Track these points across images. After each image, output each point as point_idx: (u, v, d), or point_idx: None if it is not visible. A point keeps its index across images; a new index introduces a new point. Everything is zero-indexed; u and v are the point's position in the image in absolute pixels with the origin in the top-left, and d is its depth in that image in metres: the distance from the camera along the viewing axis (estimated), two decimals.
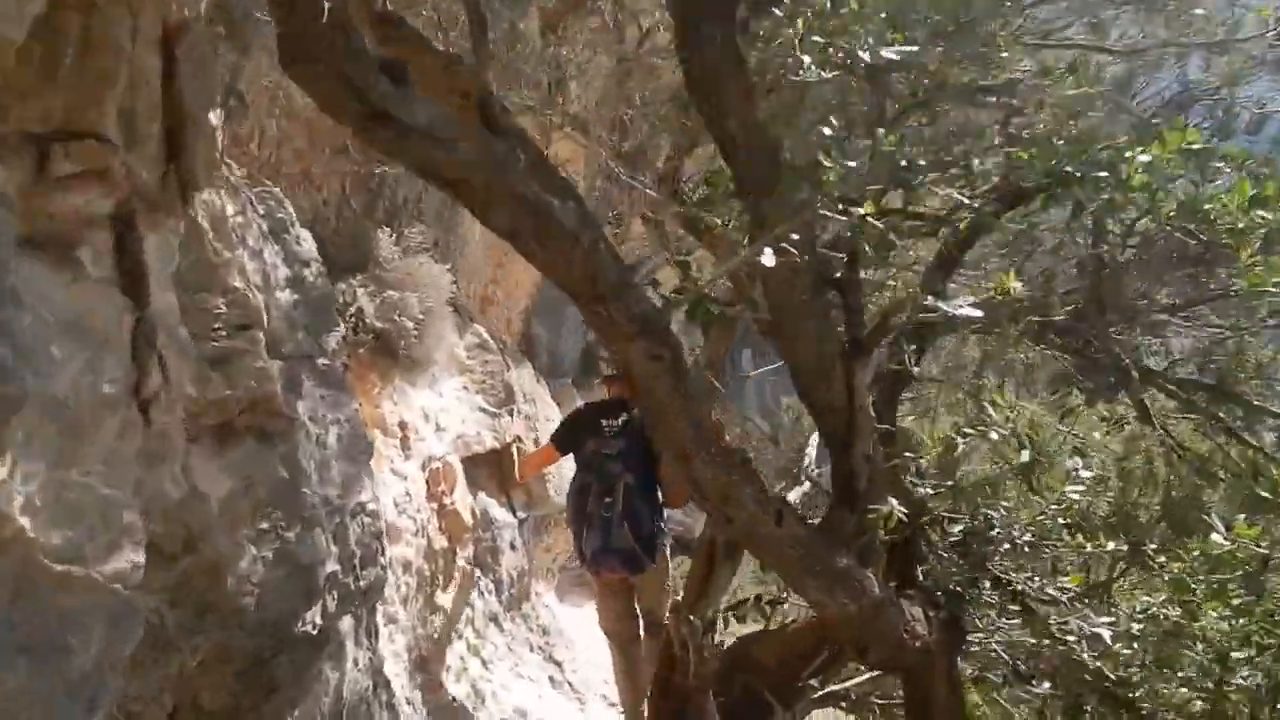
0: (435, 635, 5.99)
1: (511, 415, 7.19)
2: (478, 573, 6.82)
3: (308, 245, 3.45)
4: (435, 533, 6.08)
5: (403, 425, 5.88)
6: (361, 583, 3.33)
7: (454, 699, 5.98)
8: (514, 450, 7.19)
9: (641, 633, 5.43)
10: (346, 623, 4.33)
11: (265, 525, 2.75)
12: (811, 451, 7.23)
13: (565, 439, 5.46)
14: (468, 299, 8.12)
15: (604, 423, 5.24)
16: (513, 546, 7.16)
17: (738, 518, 3.53)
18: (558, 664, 7.19)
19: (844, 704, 5.77)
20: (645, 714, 5.92)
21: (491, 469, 7.28)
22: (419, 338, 6.15)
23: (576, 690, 7.10)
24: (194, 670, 2.59)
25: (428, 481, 6.11)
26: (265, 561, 2.73)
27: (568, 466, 5.58)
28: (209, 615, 2.60)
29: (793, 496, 6.69)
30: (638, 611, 5.41)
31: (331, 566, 3.04)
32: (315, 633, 2.94)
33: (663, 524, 5.31)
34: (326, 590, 3.00)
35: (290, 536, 2.81)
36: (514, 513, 7.28)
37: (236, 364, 2.66)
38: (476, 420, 6.94)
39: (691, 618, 6.21)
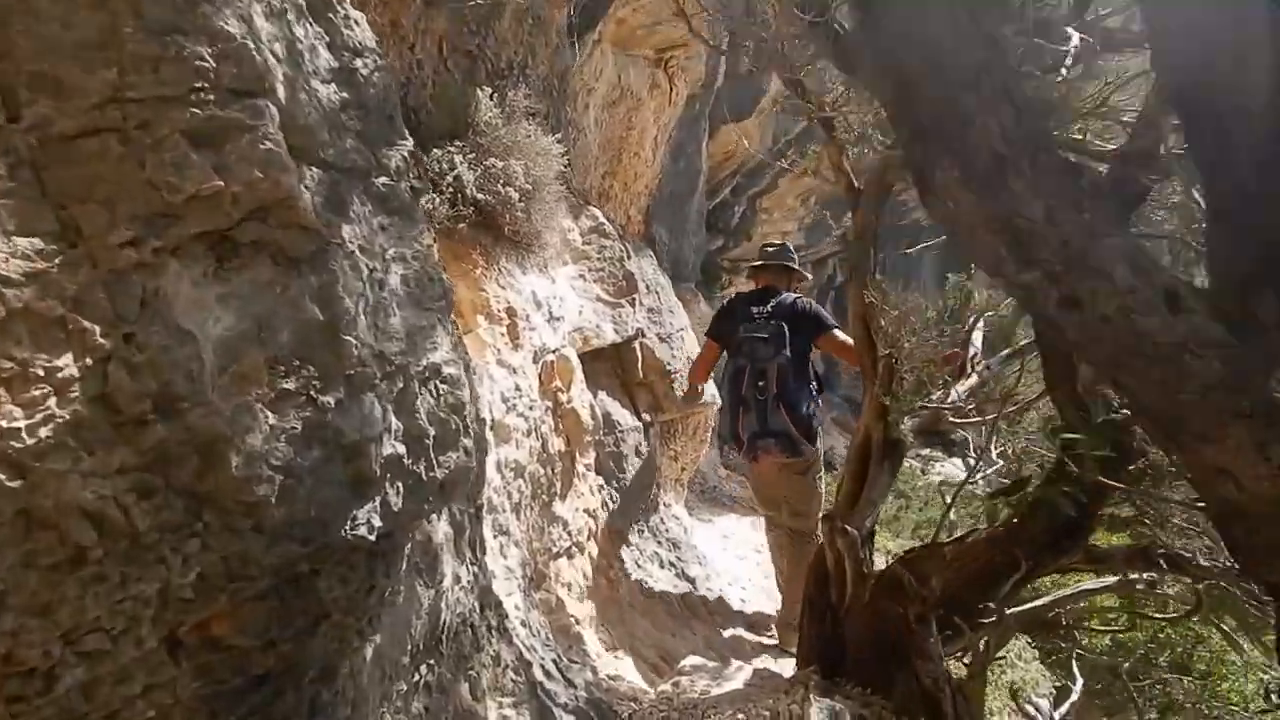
0: (554, 549, 5.17)
1: (634, 306, 6.25)
2: (600, 480, 5.95)
3: (362, 32, 2.51)
4: (551, 434, 5.22)
5: (510, 312, 5.00)
6: (438, 472, 2.43)
7: (575, 619, 5.15)
8: (636, 346, 6.27)
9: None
10: (442, 530, 3.49)
11: (290, 384, 1.86)
12: (978, 339, 6.12)
13: (718, 328, 5.45)
14: (581, 186, 7.17)
15: (754, 309, 5.24)
16: (638, 453, 6.28)
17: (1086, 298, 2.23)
18: (690, 581, 6.31)
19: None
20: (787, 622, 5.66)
21: (613, 366, 6.37)
22: (526, 213, 5.22)
23: (713, 610, 6.21)
24: (189, 589, 1.73)
25: (541, 376, 5.23)
26: (290, 436, 1.84)
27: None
28: (205, 511, 1.73)
29: (957, 391, 5.63)
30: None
31: (392, 447, 2.14)
32: (373, 538, 2.06)
33: (818, 408, 5.19)
34: (386, 480, 2.10)
35: (327, 402, 1.91)
36: (638, 415, 6.38)
37: (231, 145, 1.75)
38: (595, 311, 6.02)
39: (847, 528, 5.28)
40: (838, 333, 5.19)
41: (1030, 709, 4.57)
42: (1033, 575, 4.41)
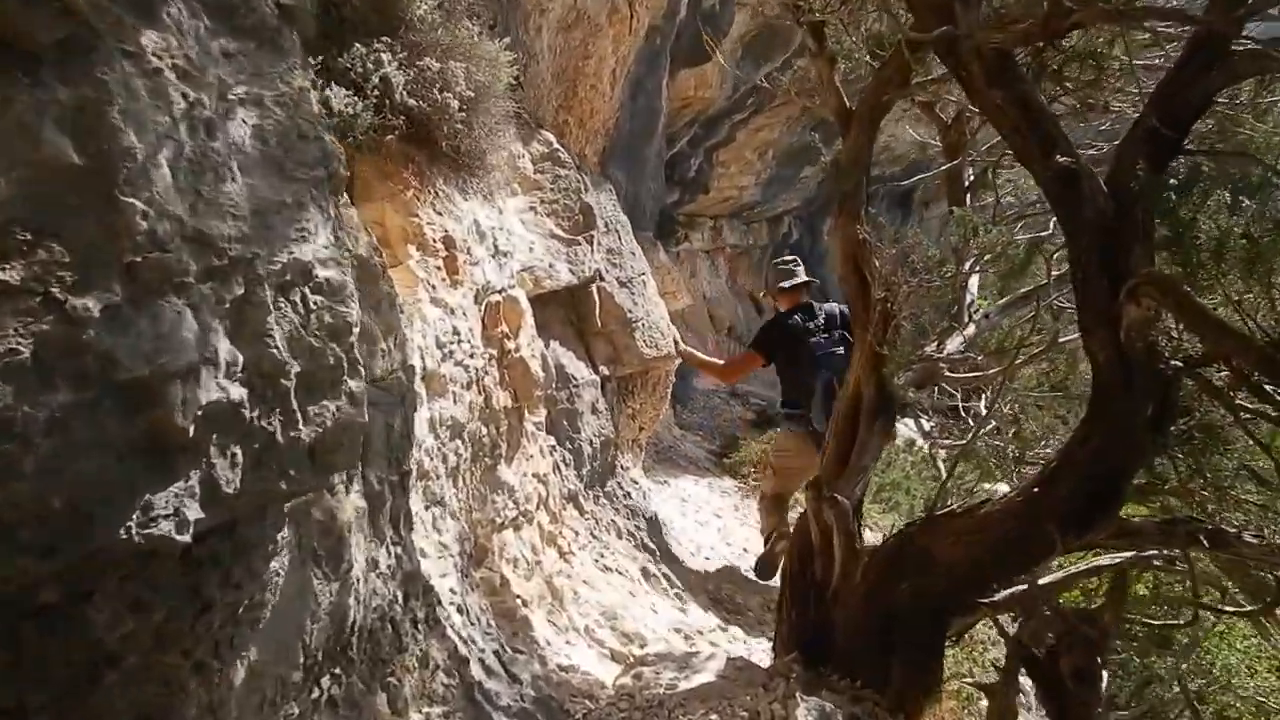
0: (498, 520, 4.33)
1: (591, 246, 5.38)
2: (551, 440, 5.12)
3: None
4: (495, 387, 4.37)
5: (447, 242, 4.11)
6: (304, 430, 1.58)
7: (521, 600, 4.33)
8: (593, 290, 5.43)
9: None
10: (351, 505, 2.64)
11: (12, 273, 1.01)
12: (973, 287, 5.36)
13: (769, 345, 5.63)
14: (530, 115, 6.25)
15: (808, 324, 5.50)
16: (594, 410, 5.45)
17: None
18: (650, 552, 5.52)
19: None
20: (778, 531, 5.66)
21: (567, 312, 5.52)
22: (467, 127, 4.32)
23: (674, 584, 5.44)
24: None
25: (484, 320, 4.37)
26: (10, 366, 0.99)
27: None
28: None
29: (953, 345, 4.89)
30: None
31: (221, 390, 1.29)
32: (187, 538, 1.22)
33: None
34: (211, 443, 1.26)
35: (85, 307, 1.06)
36: (595, 369, 5.55)
37: None
38: (547, 248, 5.15)
39: (836, 497, 4.54)
40: None
41: None
42: (1057, 553, 3.69)
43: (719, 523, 7.76)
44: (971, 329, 4.89)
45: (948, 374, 4.74)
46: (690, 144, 14.10)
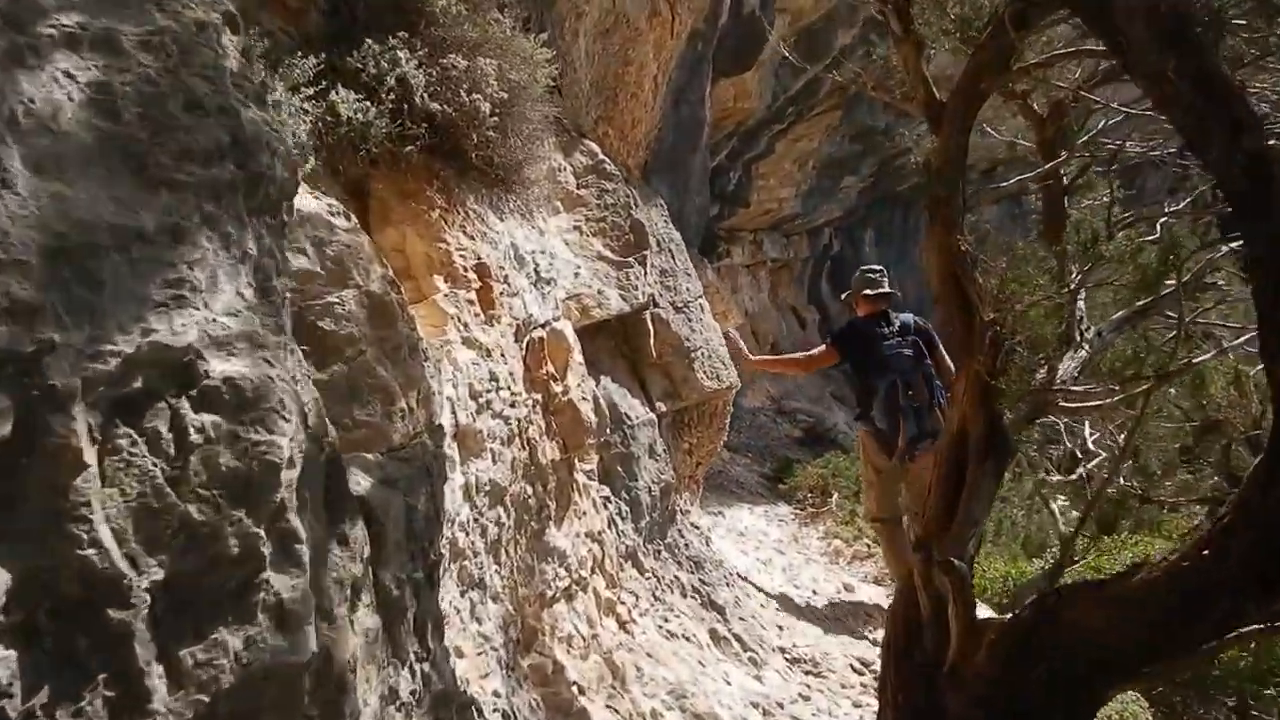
0: (548, 592, 3.57)
1: (644, 267, 4.63)
2: (605, 491, 4.36)
3: None
4: (541, 438, 3.62)
5: (481, 271, 3.38)
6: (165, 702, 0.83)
7: (578, 688, 3.57)
8: (647, 317, 4.69)
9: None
10: (356, 638, 1.91)
11: None
12: (1082, 305, 4.51)
13: (849, 344, 5.57)
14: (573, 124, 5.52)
15: (883, 329, 5.43)
16: (652, 452, 4.68)
17: None
18: (719, 610, 4.73)
19: None
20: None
21: (619, 343, 4.77)
22: (501, 134, 3.59)
23: (748, 646, 4.66)
24: None
25: (526, 360, 3.62)
26: None
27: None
28: None
29: (1065, 369, 4.06)
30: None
31: None
32: None
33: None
34: None
35: None
36: (651, 405, 4.79)
37: None
38: (595, 273, 4.40)
39: (952, 561, 3.71)
40: (943, 351, 5.42)
41: None
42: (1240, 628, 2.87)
43: (782, 560, 6.95)
44: (1085, 351, 4.08)
45: (1063, 404, 3.94)
46: (729, 157, 13.36)
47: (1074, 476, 4.25)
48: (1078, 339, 4.01)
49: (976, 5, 4.06)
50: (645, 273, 4.60)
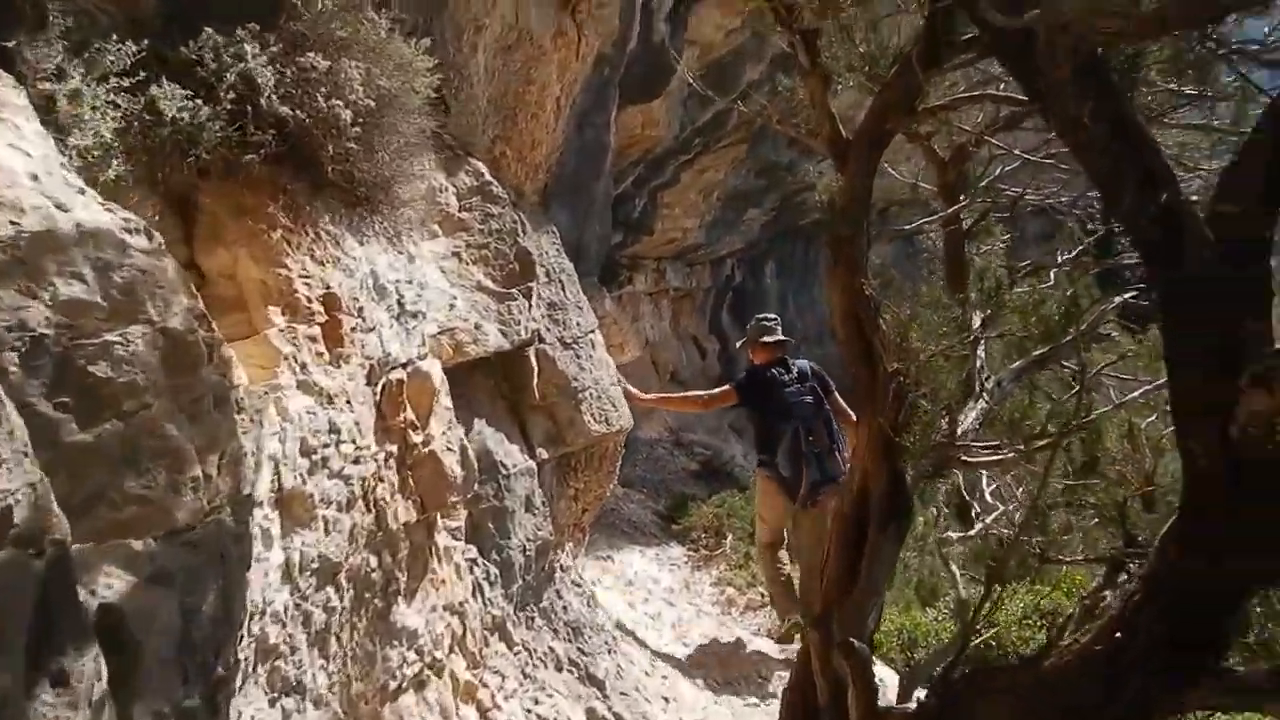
0: (393, 683, 3.03)
1: (529, 300, 4.14)
2: (473, 552, 3.84)
3: None
4: (394, 497, 3.10)
5: (330, 302, 2.85)
6: None
7: None
8: (531, 355, 4.21)
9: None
10: None
11: None
12: (982, 353, 4.24)
13: (750, 391, 5.69)
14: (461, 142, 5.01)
15: (782, 376, 5.54)
16: (530, 506, 4.18)
17: None
18: (599, 685, 4.23)
19: None
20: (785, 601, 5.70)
21: (498, 382, 4.27)
22: (366, 147, 3.07)
23: None
24: None
25: (380, 406, 3.10)
26: None
27: None
28: None
29: (968, 420, 3.78)
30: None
31: None
32: None
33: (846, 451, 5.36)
34: None
35: None
36: (531, 452, 4.29)
37: None
38: (473, 305, 3.89)
39: (852, 642, 3.37)
40: (838, 395, 5.63)
41: None
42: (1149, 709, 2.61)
43: (672, 614, 6.51)
44: (984, 402, 3.78)
45: (965, 460, 3.62)
46: (635, 184, 12.98)
47: (972, 533, 3.94)
48: (978, 389, 3.71)
49: (882, 44, 3.73)
50: (530, 306, 4.11)
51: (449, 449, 3.39)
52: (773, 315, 6.12)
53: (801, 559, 5.56)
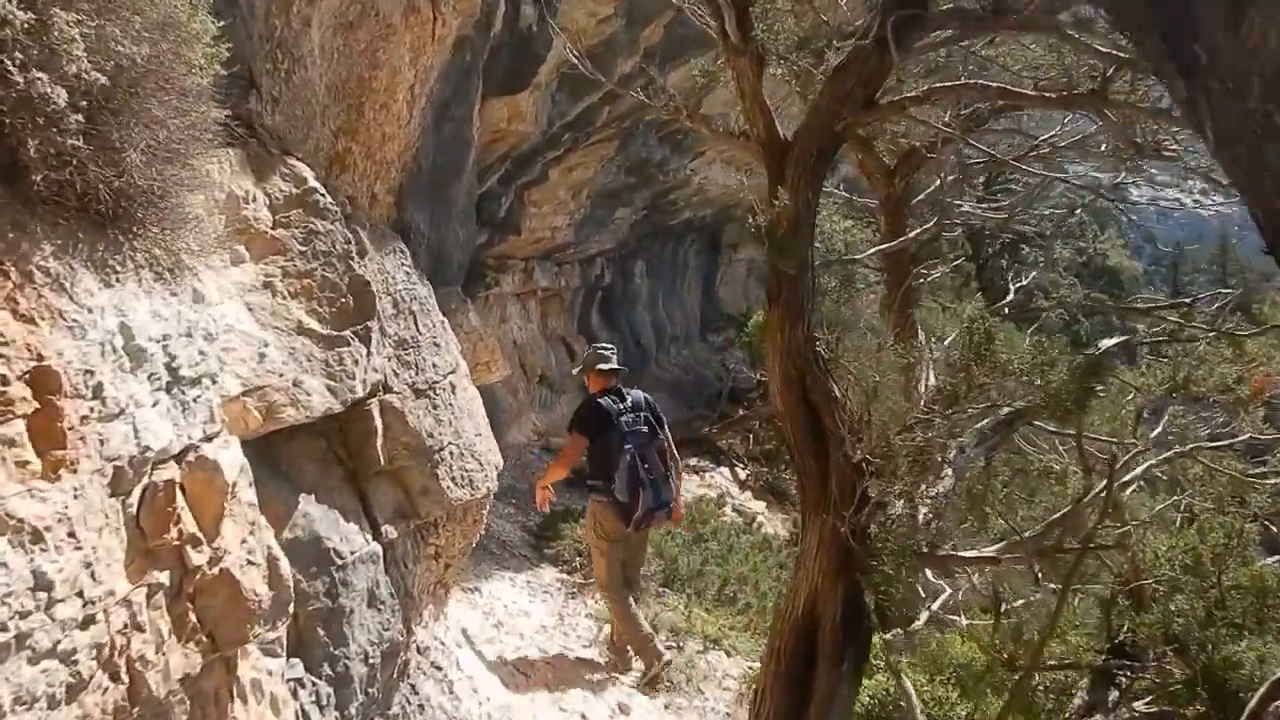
0: None
1: (367, 343, 3.12)
2: (297, 669, 2.82)
3: None
4: (159, 651, 2.08)
5: (42, 383, 1.81)
6: None
7: None
8: (373, 409, 3.21)
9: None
10: None
11: None
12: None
13: (591, 428, 5.63)
14: (285, 137, 3.90)
15: (618, 405, 5.60)
16: (374, 600, 3.17)
17: None
18: None
19: None
20: (648, 644, 5.57)
21: (329, 446, 3.24)
22: (99, 140, 2.02)
23: None
24: None
25: (140, 523, 2.06)
26: None
27: None
28: None
29: (931, 501, 2.95)
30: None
31: None
32: None
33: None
34: None
35: None
36: (375, 532, 3.28)
37: None
38: (292, 353, 2.85)
39: None
40: (667, 429, 5.79)
41: None
42: None
43: (547, 669, 5.58)
44: (949, 476, 3.00)
45: (951, 568, 2.85)
46: (501, 182, 11.89)
47: (918, 625, 3.16)
48: (938, 458, 2.92)
49: (816, 24, 2.89)
50: (370, 351, 3.10)
51: (251, 562, 2.36)
52: (609, 345, 6.22)
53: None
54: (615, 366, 5.84)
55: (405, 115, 5.74)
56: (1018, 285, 5.29)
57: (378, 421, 3.28)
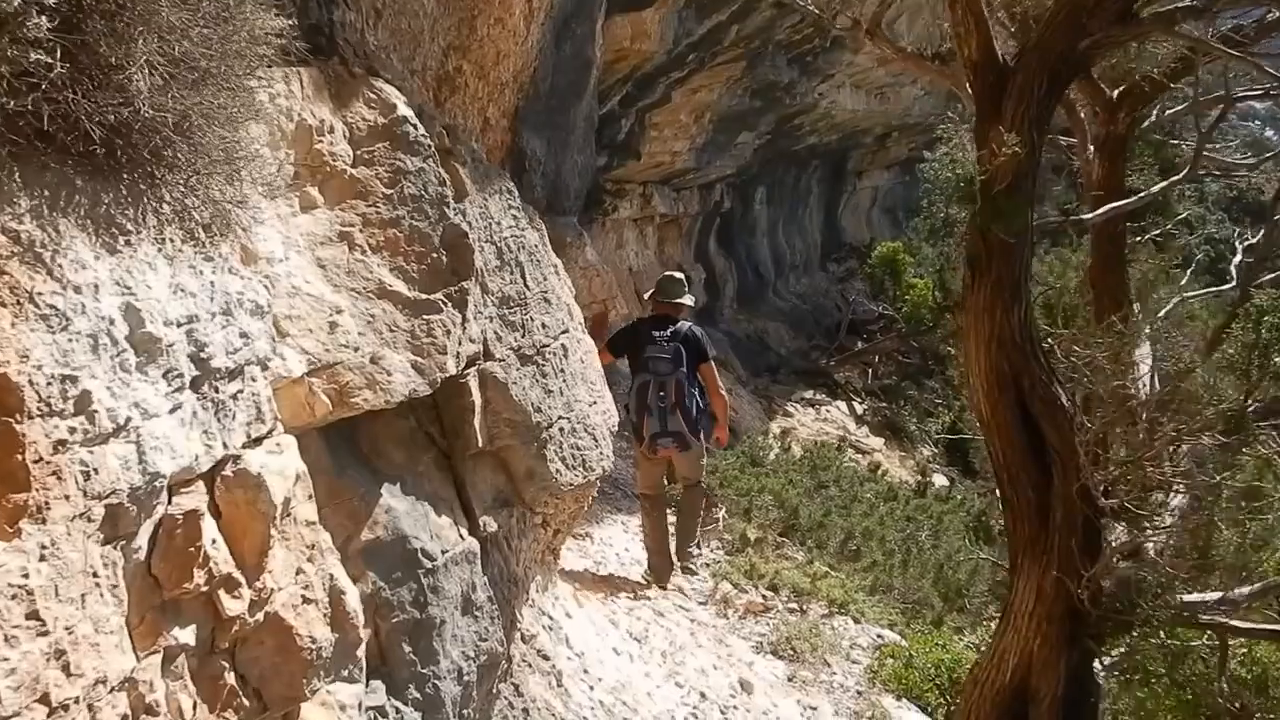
0: None
1: (462, 310, 2.50)
2: (377, 697, 2.32)
3: None
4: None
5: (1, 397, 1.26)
6: None
7: None
8: (472, 381, 2.61)
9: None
10: None
11: None
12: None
13: (621, 346, 5.72)
14: (387, 55, 3.24)
15: (655, 333, 5.51)
16: (469, 606, 2.62)
17: None
18: None
19: None
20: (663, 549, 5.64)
21: (420, 423, 2.66)
22: (90, 51, 1.42)
23: None
24: None
25: (152, 568, 1.52)
26: None
27: None
28: None
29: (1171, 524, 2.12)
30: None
31: None
32: None
33: (703, 411, 5.50)
34: None
35: None
36: (473, 525, 2.71)
37: None
38: (370, 321, 2.27)
39: None
40: (713, 364, 5.63)
41: None
42: None
43: (661, 634, 5.04)
44: (1180, 496, 2.22)
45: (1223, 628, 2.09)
46: (621, 104, 11.10)
47: None
48: (1168, 471, 2.13)
49: None
50: (465, 318, 2.48)
51: (307, 599, 1.81)
52: (681, 276, 6.16)
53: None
54: (679, 301, 5.78)
55: (522, 31, 5.05)
56: (1245, 245, 4.24)
57: (476, 395, 2.68)
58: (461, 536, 2.64)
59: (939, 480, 11.06)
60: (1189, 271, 3.92)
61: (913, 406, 13.50)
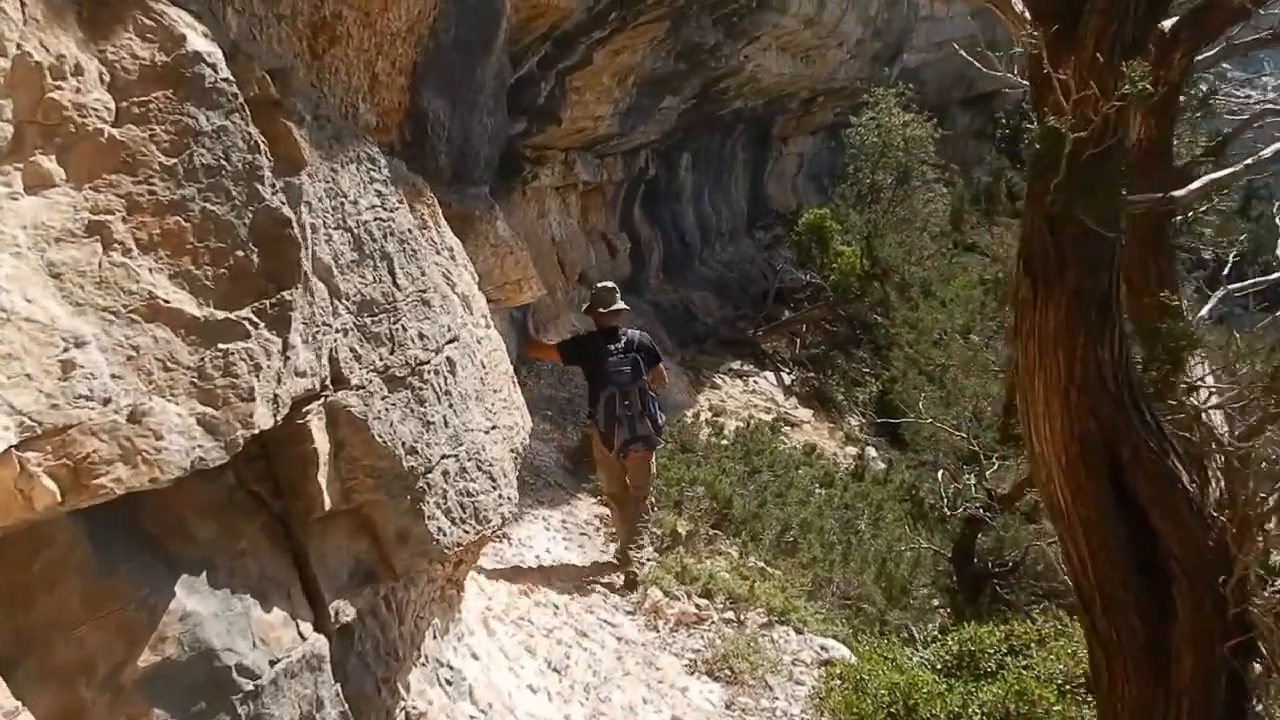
0: None
1: (284, 329, 1.69)
2: None
3: None
4: None
5: None
6: None
7: None
8: (311, 423, 1.80)
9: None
10: None
11: None
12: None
13: (571, 354, 6.01)
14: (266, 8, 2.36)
15: (611, 346, 5.74)
16: None
17: None
18: None
19: None
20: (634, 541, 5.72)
21: (240, 484, 1.88)
22: None
23: None
24: None
25: None
26: None
27: None
28: None
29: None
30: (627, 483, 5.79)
31: None
32: None
33: (660, 410, 5.79)
34: None
35: None
36: (318, 619, 1.96)
37: None
38: (128, 358, 1.48)
39: None
40: (662, 366, 6.04)
41: None
42: None
43: (584, 660, 4.36)
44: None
45: None
46: (540, 65, 10.15)
47: None
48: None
49: None
50: (288, 343, 1.71)
51: None
52: (611, 285, 6.34)
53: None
54: (617, 308, 6.00)
55: None
56: None
57: (320, 439, 1.90)
58: (302, 635, 1.88)
59: (871, 452, 10.58)
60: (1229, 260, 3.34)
61: (840, 376, 13.02)
